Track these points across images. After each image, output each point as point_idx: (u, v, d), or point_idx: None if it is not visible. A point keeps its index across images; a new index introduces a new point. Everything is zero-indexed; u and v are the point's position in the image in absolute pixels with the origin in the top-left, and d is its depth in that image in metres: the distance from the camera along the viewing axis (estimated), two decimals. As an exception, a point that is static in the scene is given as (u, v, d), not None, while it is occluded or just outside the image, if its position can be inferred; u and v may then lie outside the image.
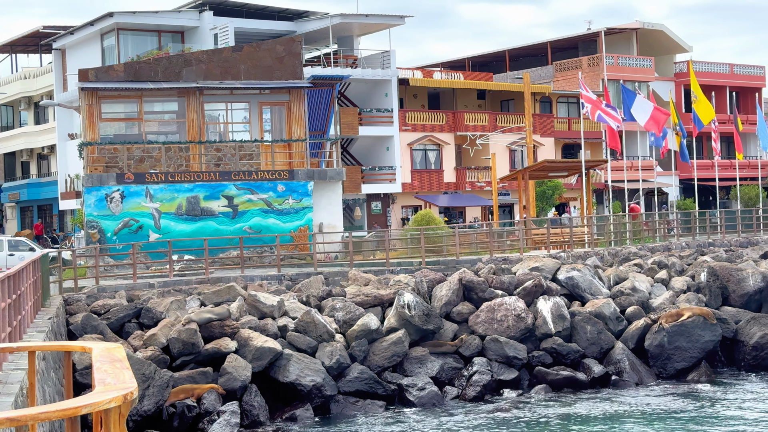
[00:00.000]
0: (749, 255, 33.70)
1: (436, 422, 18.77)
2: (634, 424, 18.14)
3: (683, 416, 18.85)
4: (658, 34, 61.50)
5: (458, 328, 24.66)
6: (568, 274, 26.62)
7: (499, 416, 19.20)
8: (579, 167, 37.30)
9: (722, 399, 20.48)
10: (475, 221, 50.12)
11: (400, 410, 20.08)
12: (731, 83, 63.87)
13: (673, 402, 20.30)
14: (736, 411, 19.39)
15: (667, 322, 24.72)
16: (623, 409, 19.55)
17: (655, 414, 18.96)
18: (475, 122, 51.88)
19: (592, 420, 18.56)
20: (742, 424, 18.01)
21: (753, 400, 20.14)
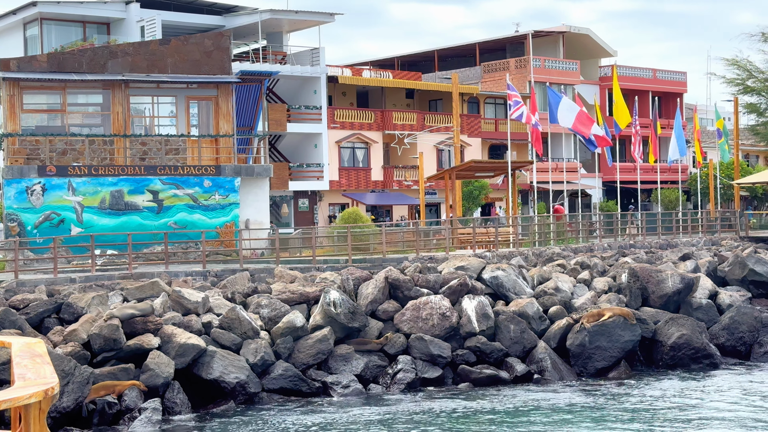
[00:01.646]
0: (669, 257, 34.44)
1: (354, 415, 18.81)
2: (549, 417, 18.42)
3: (598, 411, 19.20)
4: (584, 38, 62.47)
5: (384, 326, 24.72)
6: (493, 273, 26.88)
7: (415, 409, 19.32)
8: (505, 168, 37.71)
9: (638, 395, 20.88)
10: (402, 220, 50.31)
11: (322, 406, 20.07)
12: (654, 88, 65.18)
13: (589, 397, 20.64)
14: (650, 406, 19.80)
15: (589, 322, 25.12)
16: (540, 404, 19.83)
17: (570, 409, 19.27)
18: (404, 121, 52.07)
19: (507, 413, 18.80)
20: (655, 418, 18.40)
21: (668, 397, 20.59)
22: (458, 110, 39.03)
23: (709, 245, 39.91)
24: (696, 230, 43.90)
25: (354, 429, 18.01)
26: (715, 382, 22.56)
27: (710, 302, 28.49)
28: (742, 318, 27.49)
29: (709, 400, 20.43)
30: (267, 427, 18.52)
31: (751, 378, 23.00)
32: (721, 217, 46.21)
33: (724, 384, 22.26)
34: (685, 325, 26.00)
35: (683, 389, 21.59)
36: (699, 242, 40.15)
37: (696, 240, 40.55)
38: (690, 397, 20.75)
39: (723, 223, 45.42)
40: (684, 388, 21.70)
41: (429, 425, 18.18)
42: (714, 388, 21.79)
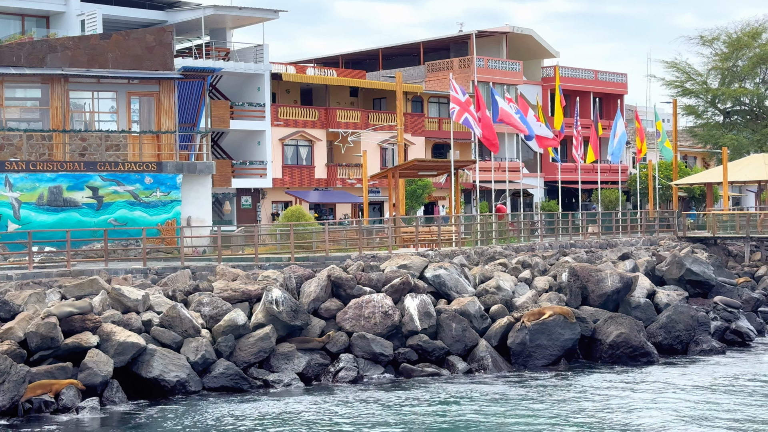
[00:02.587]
0: (608, 256, 34.88)
1: (293, 408, 18.78)
2: (481, 407, 18.57)
3: (534, 403, 19.42)
4: (527, 38, 62.99)
5: (326, 324, 24.71)
6: (435, 272, 26.99)
7: (349, 401, 19.33)
8: (448, 167, 37.88)
9: (570, 388, 21.11)
10: (345, 218, 50.30)
11: (263, 402, 19.98)
12: (595, 89, 65.96)
13: (523, 389, 20.82)
14: (580, 398, 20.06)
15: (529, 321, 25.36)
16: (473, 396, 19.99)
17: (506, 401, 19.45)
18: (348, 119, 52.05)
19: (444, 403, 18.92)
20: (590, 410, 18.64)
21: (600, 390, 20.85)
22: (402, 109, 39.10)
23: (647, 245, 40.52)
24: (635, 230, 44.52)
25: (289, 419, 17.97)
26: (646, 377, 22.89)
27: (648, 301, 28.94)
28: (679, 317, 27.97)
29: (639, 392, 20.77)
30: (204, 418, 18.38)
31: (684, 372, 23.38)
32: (659, 217, 46.90)
33: (655, 378, 22.60)
34: (624, 324, 26.38)
35: (616, 383, 21.88)
36: (638, 242, 40.73)
37: (635, 240, 41.13)
38: (620, 390, 21.05)
39: (661, 223, 46.11)
40: (617, 382, 21.99)
41: (365, 416, 18.21)
42: (645, 382, 22.13)
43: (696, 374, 23.25)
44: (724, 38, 62.03)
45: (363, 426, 17.94)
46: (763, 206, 50.38)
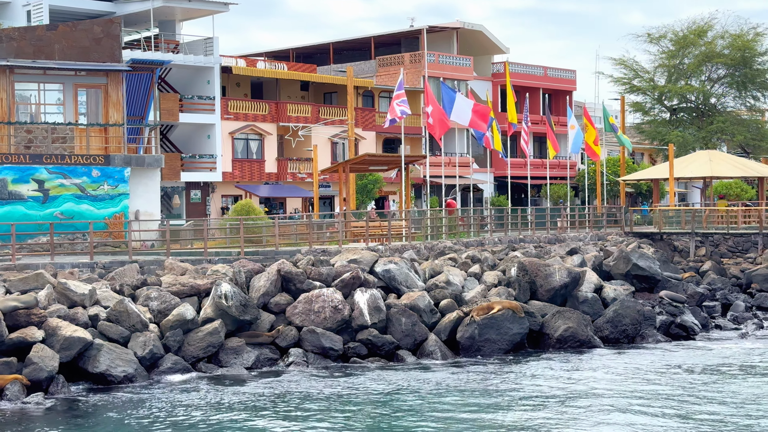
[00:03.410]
0: (556, 251, 35.20)
1: (238, 392, 18.71)
2: (428, 398, 18.70)
3: (480, 393, 19.56)
4: (478, 34, 63.26)
5: (275, 318, 24.67)
6: (385, 266, 27.05)
7: (278, 390, 19.33)
8: (399, 162, 37.95)
9: (513, 378, 21.28)
10: (296, 212, 50.16)
11: (210, 386, 19.88)
12: (545, 85, 66.45)
13: (473, 382, 20.95)
14: (528, 387, 20.25)
15: (479, 315, 25.53)
16: (415, 384, 20.08)
17: (452, 390, 19.57)
18: (298, 113, 51.89)
19: (387, 393, 18.98)
20: (531, 396, 18.82)
21: (547, 377, 21.06)
22: (353, 103, 39.07)
23: (595, 240, 40.96)
24: (583, 225, 44.99)
25: (238, 404, 17.92)
26: (589, 365, 23.13)
27: (595, 296, 29.26)
28: (626, 311, 28.33)
29: (581, 381, 21.00)
30: (150, 408, 18.24)
31: (625, 361, 23.66)
32: (607, 212, 47.44)
33: (596, 366, 22.84)
34: (571, 318, 26.66)
35: (560, 372, 22.09)
36: (586, 237, 41.17)
37: (583, 235, 41.56)
38: (565, 379, 21.27)
39: (609, 218, 46.65)
40: (561, 371, 22.20)
41: (307, 403, 18.23)
42: (587, 370, 22.37)
43: (636, 363, 23.55)
44: (671, 36, 62.84)
45: (307, 412, 17.93)
46: (708, 202, 51.19)
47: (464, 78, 60.62)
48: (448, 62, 60.07)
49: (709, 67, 62.61)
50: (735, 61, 61.03)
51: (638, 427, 17.10)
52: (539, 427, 17.20)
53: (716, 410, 18.40)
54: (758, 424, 17.26)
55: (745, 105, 64.59)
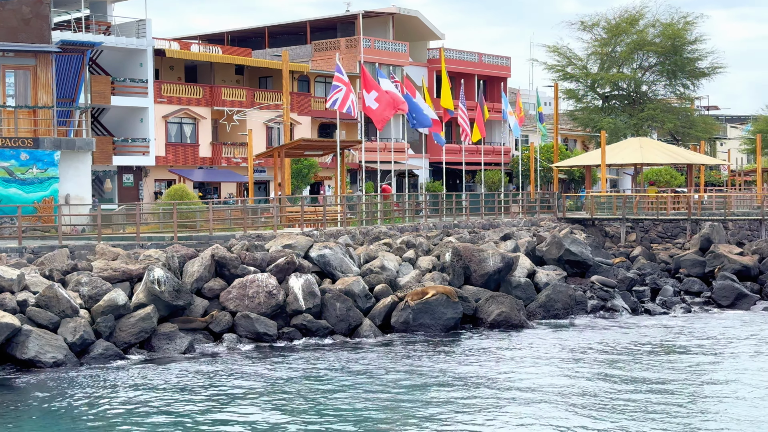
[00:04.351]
0: (490, 237, 35.50)
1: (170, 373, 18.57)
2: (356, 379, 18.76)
3: (410, 372, 19.68)
4: (414, 20, 63.32)
5: (209, 304, 24.50)
6: (320, 252, 27.02)
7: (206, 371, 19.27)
8: (334, 147, 37.86)
9: (451, 359, 21.48)
10: (230, 197, 49.79)
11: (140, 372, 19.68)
12: (479, 72, 66.80)
13: (404, 362, 21.07)
14: (459, 368, 20.44)
15: (413, 300, 25.65)
16: (353, 368, 20.14)
17: (384, 369, 19.67)
18: (233, 97, 51.45)
19: (320, 375, 19.01)
20: (462, 377, 19.02)
21: (479, 357, 21.29)
22: (288, 88, 38.84)
23: (528, 226, 41.38)
24: (517, 211, 45.41)
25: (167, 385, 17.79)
26: (519, 345, 23.41)
27: (528, 281, 29.61)
28: (558, 296, 28.73)
29: (508, 360, 21.29)
30: (77, 392, 18.01)
31: (555, 341, 24.00)
32: (540, 198, 47.96)
33: (525, 346, 23.14)
34: (505, 303, 26.94)
35: (489, 353, 22.34)
36: (519, 223, 41.56)
37: (517, 221, 41.96)
38: (493, 358, 21.53)
39: (542, 204, 47.17)
40: (493, 349, 22.46)
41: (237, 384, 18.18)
42: (515, 351, 22.66)
43: (563, 343, 23.88)
44: (604, 24, 63.66)
45: (238, 395, 17.86)
46: (638, 189, 52.03)
47: (400, 63, 60.66)
48: (384, 48, 60.04)
49: (640, 55, 63.59)
50: (665, 49, 62.07)
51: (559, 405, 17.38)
52: (465, 404, 17.38)
53: (631, 385, 18.83)
54: (670, 393, 17.68)
55: (675, 93, 65.78)
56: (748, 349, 23.85)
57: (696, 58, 63.35)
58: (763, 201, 43.87)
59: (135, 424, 16.59)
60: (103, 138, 45.55)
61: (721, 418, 16.72)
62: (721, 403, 17.89)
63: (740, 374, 20.62)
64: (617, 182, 75.77)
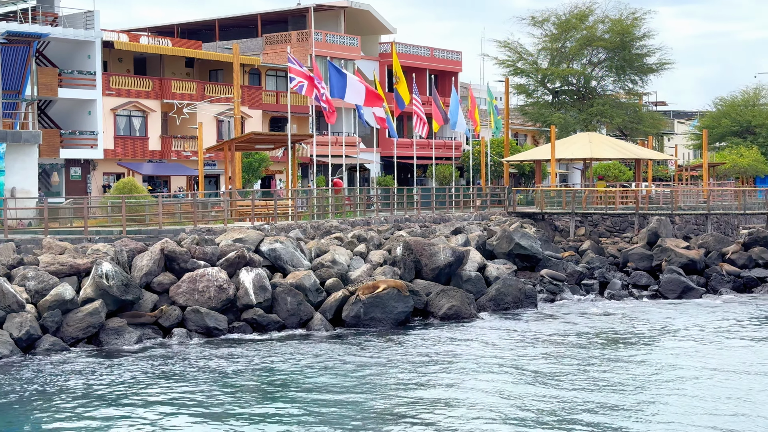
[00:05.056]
0: (441, 231, 35.63)
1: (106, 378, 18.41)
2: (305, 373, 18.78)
3: (359, 364, 19.72)
4: (365, 14, 63.26)
5: (159, 298, 24.31)
6: (271, 246, 26.93)
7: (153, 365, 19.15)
8: (285, 141, 37.72)
9: (401, 350, 21.55)
10: (180, 191, 49.39)
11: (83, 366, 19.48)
12: (431, 66, 66.94)
13: (354, 355, 21.09)
14: (409, 359, 20.55)
15: (364, 294, 25.67)
16: (304, 361, 20.14)
17: (334, 362, 19.68)
18: (183, 90, 51.00)
19: (271, 368, 18.97)
20: (412, 367, 19.12)
21: (429, 348, 21.41)
22: (239, 81, 38.58)
23: (479, 220, 41.60)
24: (468, 205, 45.60)
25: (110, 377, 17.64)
26: (468, 337, 23.57)
27: (479, 274, 29.77)
28: (508, 289, 28.93)
29: (457, 351, 21.45)
30: (21, 387, 17.79)
31: (503, 333, 24.19)
32: (491, 193, 48.18)
33: (474, 338, 23.32)
34: (455, 297, 27.07)
35: (438, 344, 22.47)
36: (470, 217, 41.76)
37: (467, 215, 42.15)
38: (442, 349, 21.67)
39: (493, 198, 47.39)
40: (442, 339, 22.59)
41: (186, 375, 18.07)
42: (464, 342, 22.83)
43: (511, 334, 24.11)
44: (554, 20, 64.12)
45: (186, 389, 17.74)
46: (587, 183, 52.53)
47: (352, 57, 60.58)
48: (336, 41, 59.92)
49: (590, 50, 64.15)
50: (614, 45, 62.69)
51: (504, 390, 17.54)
52: (415, 396, 17.45)
53: (578, 374, 19.07)
54: (601, 375, 17.97)
55: (624, 88, 66.47)
56: (685, 335, 24.60)
57: (644, 54, 64.06)
58: (709, 196, 44.54)
59: (81, 419, 16.43)
60: (50, 131, 44.91)
61: (656, 401, 17.07)
62: (657, 387, 18.44)
63: (677, 359, 21.34)
64: (567, 177, 76.44)
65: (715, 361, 21.22)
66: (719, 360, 21.41)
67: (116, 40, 48.77)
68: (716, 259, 35.89)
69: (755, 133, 77.79)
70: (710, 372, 20.07)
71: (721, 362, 21.11)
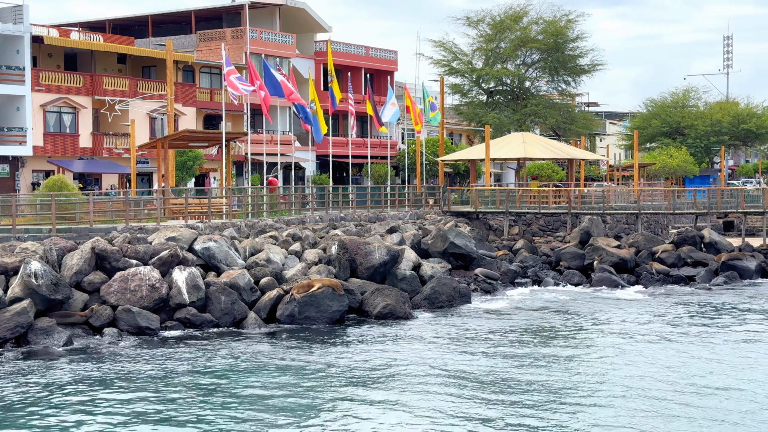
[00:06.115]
0: (377, 230, 35.66)
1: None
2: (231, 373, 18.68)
3: (293, 363, 19.66)
4: (301, 12, 63.03)
5: (89, 298, 23.94)
6: (204, 244, 26.69)
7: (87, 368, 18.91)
8: (219, 138, 37.41)
9: (336, 350, 21.55)
10: (112, 189, 48.68)
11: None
12: (367, 65, 66.96)
13: (288, 354, 21.02)
14: (343, 358, 20.56)
15: (299, 293, 25.58)
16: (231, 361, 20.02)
17: (268, 361, 19.59)
18: (115, 87, 50.28)
19: (204, 368, 18.82)
20: (345, 367, 19.14)
21: (364, 348, 21.42)
22: (172, 78, 38.15)
23: (414, 219, 41.73)
24: (403, 204, 45.72)
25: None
26: (402, 336, 23.67)
27: (414, 273, 29.86)
28: (442, 288, 29.06)
29: (390, 350, 21.53)
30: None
31: (436, 331, 24.33)
32: (426, 192, 48.39)
33: (407, 336, 23.43)
34: (390, 296, 27.11)
35: (372, 343, 22.51)
36: (405, 216, 41.87)
37: (403, 214, 42.26)
38: (376, 348, 21.72)
39: (428, 197, 47.58)
40: (374, 342, 22.63)
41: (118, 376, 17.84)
42: (397, 342, 22.91)
43: (445, 332, 24.24)
44: (489, 20, 64.59)
45: (115, 389, 17.50)
46: (521, 183, 53.03)
47: (287, 55, 60.33)
48: (271, 39, 59.60)
49: (524, 51, 64.74)
50: (548, 46, 63.37)
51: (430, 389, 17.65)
52: (348, 394, 17.46)
53: (511, 367, 19.28)
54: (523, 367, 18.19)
55: (557, 89, 67.24)
56: (615, 327, 25.09)
57: (577, 55, 64.87)
58: (639, 195, 45.27)
59: (6, 420, 16.09)
60: (-22, 127, 43.95)
61: (581, 390, 17.29)
62: (583, 373, 18.64)
63: (605, 354, 21.77)
64: (501, 176, 77.09)
65: (644, 356, 21.58)
66: (649, 355, 21.78)
67: (46, 35, 47.89)
68: (646, 257, 36.51)
69: (684, 134, 79.32)
70: (638, 367, 20.39)
71: (650, 357, 21.48)
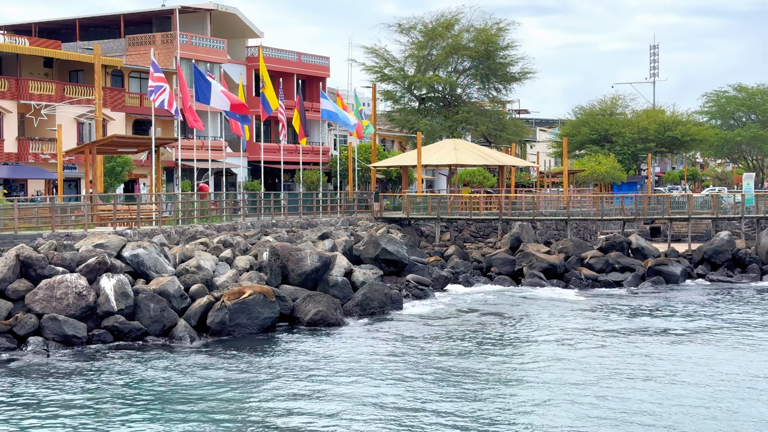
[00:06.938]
0: (308, 236, 35.54)
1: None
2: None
3: (226, 373, 19.49)
4: (232, 17, 62.65)
5: (13, 306, 23.43)
6: (133, 251, 26.32)
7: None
8: (149, 144, 36.96)
9: (268, 359, 21.43)
10: (38, 195, 47.76)
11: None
12: (299, 71, 66.80)
13: (220, 364, 20.85)
14: (275, 366, 20.45)
15: (229, 300, 25.36)
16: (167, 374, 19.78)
17: (199, 372, 19.40)
18: (41, 91, 49.37)
19: (133, 380, 18.58)
20: (277, 374, 19.06)
21: (296, 356, 21.34)
22: (101, 83, 37.58)
23: (346, 225, 41.69)
24: (335, 210, 45.66)
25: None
26: (333, 343, 23.64)
27: (346, 279, 29.82)
28: (374, 294, 29.07)
29: (322, 357, 21.49)
30: None
31: (368, 339, 24.35)
32: (358, 198, 48.40)
33: (339, 345, 23.42)
34: (322, 302, 27.02)
35: (305, 351, 22.44)
36: (337, 222, 41.81)
37: (335, 220, 42.19)
38: (309, 356, 21.67)
39: (360, 204, 47.61)
40: (306, 350, 22.55)
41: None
42: (329, 349, 22.88)
43: (375, 338, 24.28)
44: (421, 28, 64.90)
45: (40, 404, 17.17)
46: (453, 189, 53.34)
47: (218, 61, 59.89)
48: (202, 44, 59.11)
49: (455, 58, 65.17)
50: (479, 54, 63.89)
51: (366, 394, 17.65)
52: (279, 402, 17.36)
53: (444, 370, 19.41)
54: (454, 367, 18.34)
55: (488, 96, 67.83)
56: (545, 331, 25.31)
57: (508, 63, 65.49)
58: (568, 202, 45.86)
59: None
60: None
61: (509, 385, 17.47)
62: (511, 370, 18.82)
63: (538, 352, 21.77)
64: (433, 182, 77.46)
65: (570, 355, 21.87)
66: (581, 355, 22.07)
67: (-30, 37, 46.82)
68: (576, 263, 36.99)
69: (612, 141, 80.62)
70: (569, 370, 20.65)
71: (582, 357, 21.76)
